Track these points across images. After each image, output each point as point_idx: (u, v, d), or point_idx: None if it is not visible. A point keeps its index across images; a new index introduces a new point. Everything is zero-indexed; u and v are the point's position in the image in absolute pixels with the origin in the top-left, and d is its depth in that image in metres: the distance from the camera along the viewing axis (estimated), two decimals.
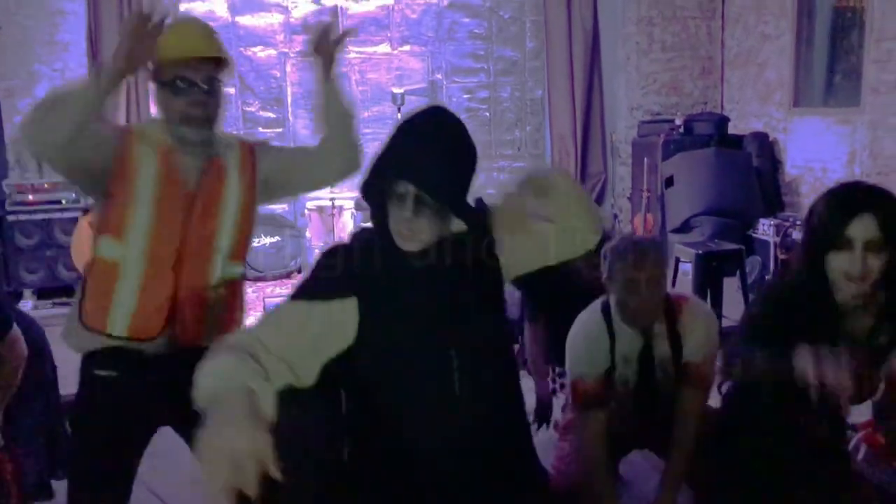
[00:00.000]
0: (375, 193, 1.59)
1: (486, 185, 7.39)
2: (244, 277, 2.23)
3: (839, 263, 1.82)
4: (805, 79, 6.46)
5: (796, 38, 6.41)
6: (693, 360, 2.44)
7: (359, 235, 1.72)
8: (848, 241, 1.80)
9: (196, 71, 2.00)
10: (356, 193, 6.64)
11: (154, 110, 6.55)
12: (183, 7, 6.64)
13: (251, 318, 5.52)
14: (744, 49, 7.08)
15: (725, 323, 4.77)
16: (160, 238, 2.02)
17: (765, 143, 6.65)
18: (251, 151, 2.18)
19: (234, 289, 2.18)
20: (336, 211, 5.98)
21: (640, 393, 2.50)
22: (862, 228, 1.79)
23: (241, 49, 6.81)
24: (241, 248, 2.17)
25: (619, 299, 2.43)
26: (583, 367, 2.47)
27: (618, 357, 2.47)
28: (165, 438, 2.18)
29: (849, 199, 1.85)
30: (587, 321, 2.52)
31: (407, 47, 7.11)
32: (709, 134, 6.68)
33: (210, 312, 2.09)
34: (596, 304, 2.55)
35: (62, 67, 6.34)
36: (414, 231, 1.54)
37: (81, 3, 6.31)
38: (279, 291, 6.20)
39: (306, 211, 6.41)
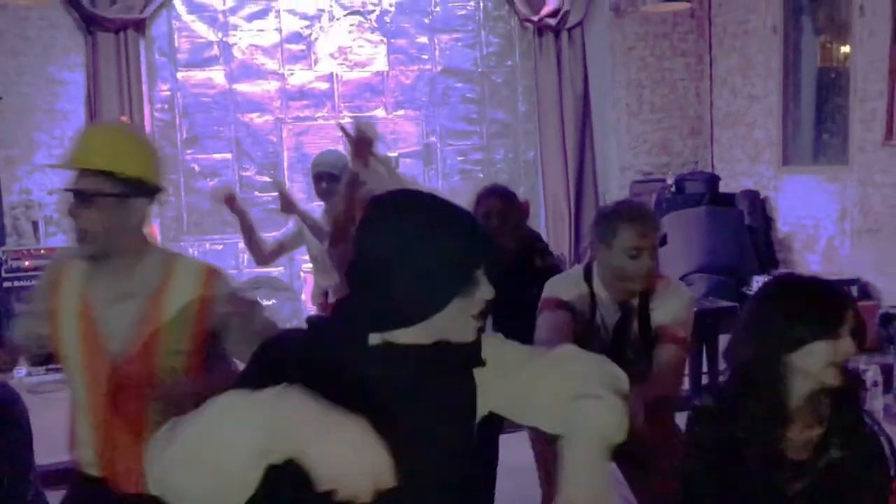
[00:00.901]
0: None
1: None
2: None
3: (824, 353, 1.72)
4: (793, 138, 6.57)
5: (783, 98, 6.55)
6: (663, 323, 2.40)
7: (312, 339, 1.41)
8: (837, 332, 1.72)
9: (83, 182, 1.86)
10: None
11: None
12: (181, 76, 6.78)
13: None
14: (732, 109, 7.21)
15: (722, 379, 4.76)
16: (91, 375, 1.92)
17: (756, 201, 6.73)
18: (210, 283, 1.97)
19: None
20: None
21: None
22: (850, 318, 1.73)
23: (239, 115, 6.92)
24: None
25: (616, 266, 2.36)
26: (560, 292, 2.46)
27: (597, 317, 2.45)
28: None
29: (839, 292, 1.83)
30: (567, 278, 2.50)
31: (401, 112, 7.23)
32: (700, 193, 6.75)
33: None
34: (577, 269, 2.53)
35: (61, 135, 6.43)
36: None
37: (81, 73, 6.44)
38: None
39: (302, 273, 6.43)
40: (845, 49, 5.98)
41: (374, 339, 1.35)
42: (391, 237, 1.31)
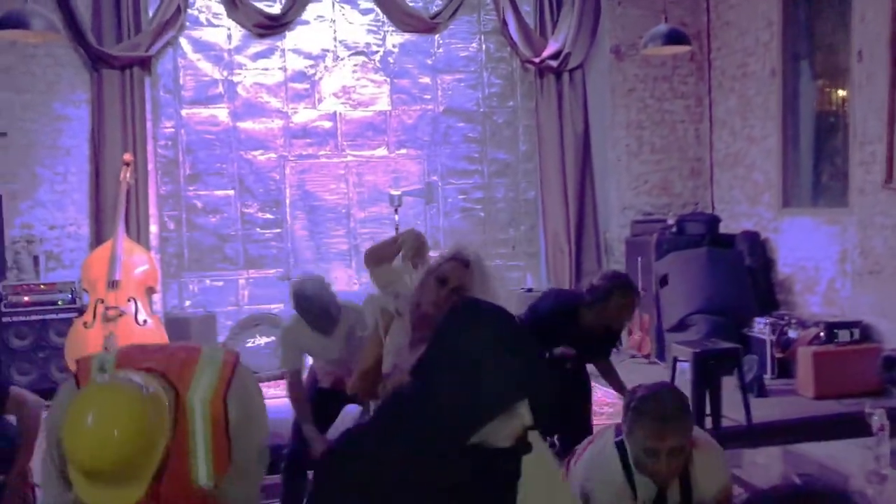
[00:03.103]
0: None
1: None
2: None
3: None
4: (793, 180, 6.61)
5: (782, 141, 6.59)
6: (706, 499, 2.30)
7: (377, 432, 1.53)
8: None
9: None
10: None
11: (154, 213, 6.44)
12: (185, 112, 6.83)
13: None
14: (732, 151, 7.26)
15: (725, 423, 4.73)
16: None
17: (756, 243, 6.74)
18: (224, 410, 1.90)
19: None
20: None
21: None
22: None
23: (242, 153, 6.96)
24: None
25: (636, 459, 2.26)
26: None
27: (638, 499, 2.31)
28: None
29: None
30: (604, 466, 2.33)
31: (403, 150, 7.27)
32: (701, 234, 6.76)
33: None
34: (609, 443, 2.36)
35: (64, 171, 6.46)
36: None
37: (85, 109, 6.48)
38: (273, 392, 6.12)
39: None
40: (843, 93, 6.04)
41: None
42: (458, 345, 1.43)
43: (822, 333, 5.55)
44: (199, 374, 1.90)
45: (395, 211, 6.32)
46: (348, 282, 7.10)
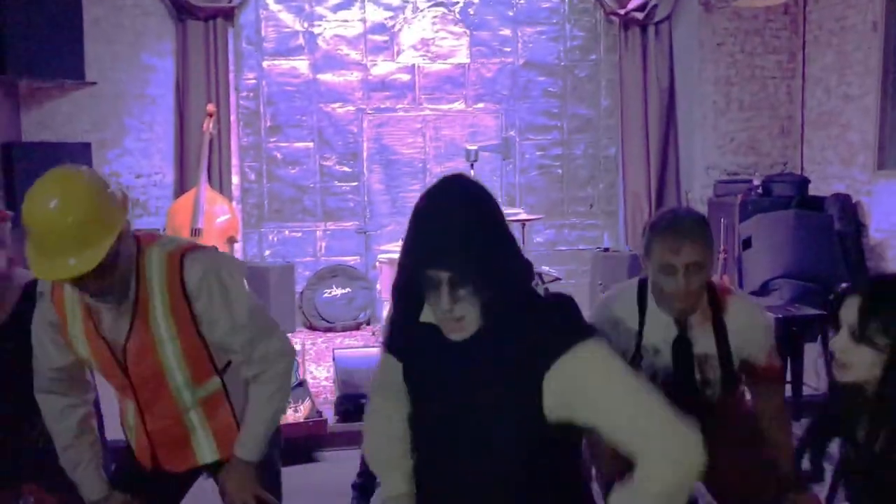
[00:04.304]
0: (411, 289, 1.54)
1: (556, 241, 7.36)
2: (224, 387, 2.08)
3: None
4: (891, 140, 6.28)
5: (881, 99, 6.25)
6: (756, 360, 2.26)
7: (409, 303, 1.64)
8: None
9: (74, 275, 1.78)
10: None
11: (235, 164, 6.53)
12: (266, 64, 6.89)
13: (321, 370, 5.45)
14: (826, 109, 6.93)
15: (806, 391, 4.59)
16: (115, 386, 2.03)
17: (847, 206, 6.46)
18: (179, 267, 1.93)
19: (214, 403, 2.07)
20: None
21: (673, 391, 2.00)
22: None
23: (321, 105, 6.99)
24: (201, 373, 2.03)
25: (654, 282, 2.20)
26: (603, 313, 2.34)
27: (645, 344, 2.27)
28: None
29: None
30: (619, 297, 2.34)
31: (481, 105, 7.19)
32: (788, 195, 6.52)
33: (194, 438, 2.06)
34: (634, 281, 2.35)
35: (150, 120, 6.62)
36: (457, 320, 1.47)
37: (170, 59, 6.60)
38: (349, 342, 6.24)
39: (377, 263, 6.47)
40: None
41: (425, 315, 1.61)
42: (421, 204, 1.51)
43: None
44: (163, 238, 2.02)
45: (472, 166, 6.27)
46: None
